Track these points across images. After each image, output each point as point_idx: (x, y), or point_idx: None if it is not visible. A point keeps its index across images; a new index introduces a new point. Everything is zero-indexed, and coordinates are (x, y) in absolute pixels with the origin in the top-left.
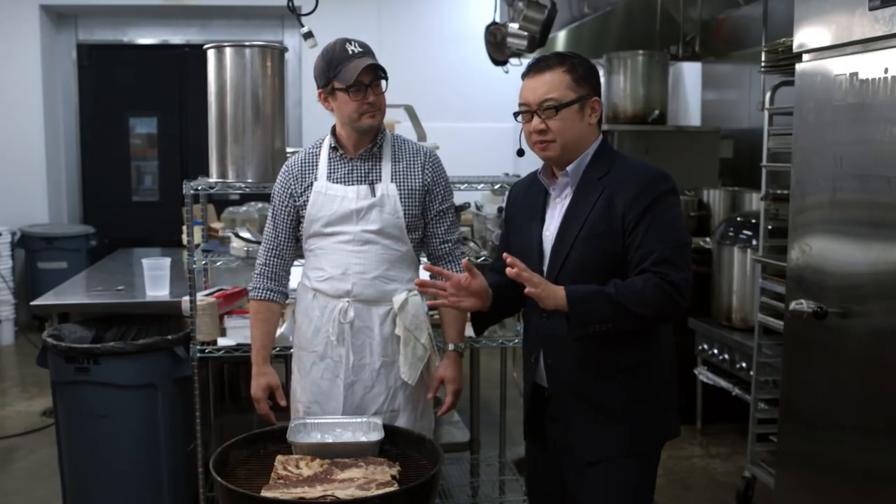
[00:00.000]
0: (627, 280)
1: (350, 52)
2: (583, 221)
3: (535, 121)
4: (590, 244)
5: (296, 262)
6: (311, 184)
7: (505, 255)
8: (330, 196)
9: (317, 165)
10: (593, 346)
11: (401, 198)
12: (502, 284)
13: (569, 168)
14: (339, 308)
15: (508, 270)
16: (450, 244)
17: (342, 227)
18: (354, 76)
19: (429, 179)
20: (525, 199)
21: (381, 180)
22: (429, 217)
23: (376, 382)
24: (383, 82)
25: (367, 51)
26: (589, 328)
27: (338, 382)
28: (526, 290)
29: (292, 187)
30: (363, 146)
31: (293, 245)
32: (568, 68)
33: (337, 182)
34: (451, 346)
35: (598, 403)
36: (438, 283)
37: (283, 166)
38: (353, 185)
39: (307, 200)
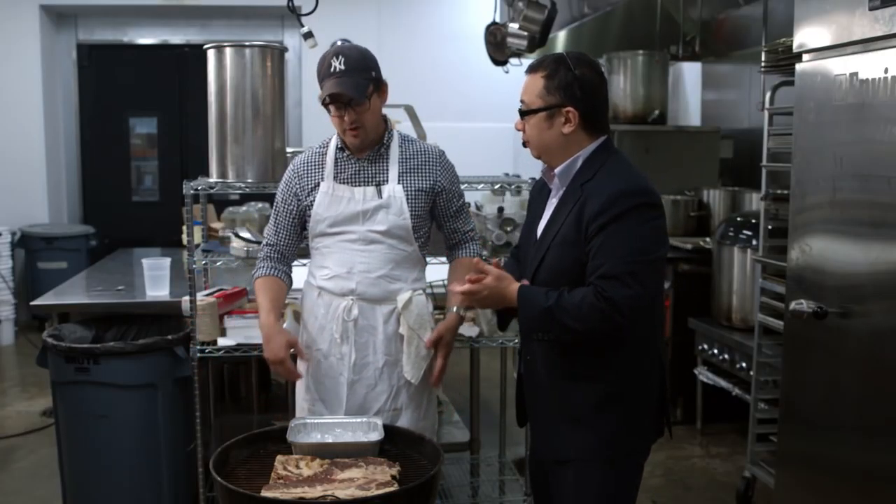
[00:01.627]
0: (573, 290)
1: (332, 69)
2: (559, 227)
3: (517, 119)
4: (561, 251)
5: (300, 263)
6: (318, 184)
7: (476, 260)
8: (336, 197)
9: (323, 166)
10: (560, 349)
11: (407, 199)
12: (516, 273)
13: (556, 170)
14: (343, 306)
15: (470, 275)
16: (466, 233)
17: (348, 226)
18: (324, 97)
19: (439, 180)
20: (539, 192)
21: (387, 182)
22: (448, 214)
23: (379, 381)
24: (369, 100)
25: (350, 68)
26: (532, 334)
27: (341, 381)
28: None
29: (297, 188)
30: (369, 148)
31: (294, 244)
32: (548, 73)
33: (344, 183)
34: (454, 309)
35: (563, 405)
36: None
37: (290, 166)
38: (360, 186)
39: (314, 201)
